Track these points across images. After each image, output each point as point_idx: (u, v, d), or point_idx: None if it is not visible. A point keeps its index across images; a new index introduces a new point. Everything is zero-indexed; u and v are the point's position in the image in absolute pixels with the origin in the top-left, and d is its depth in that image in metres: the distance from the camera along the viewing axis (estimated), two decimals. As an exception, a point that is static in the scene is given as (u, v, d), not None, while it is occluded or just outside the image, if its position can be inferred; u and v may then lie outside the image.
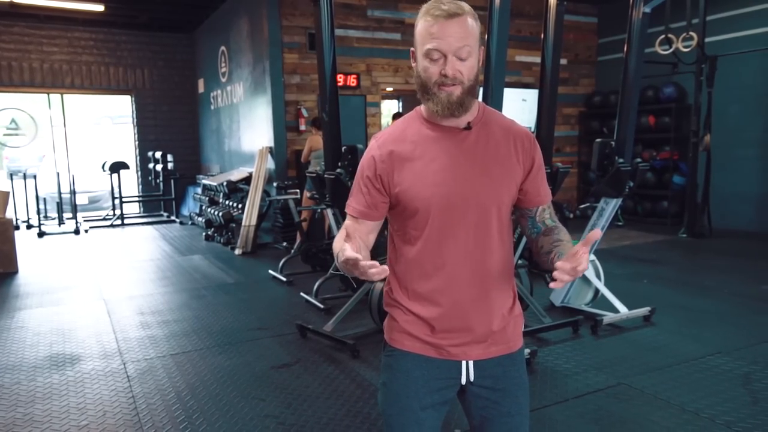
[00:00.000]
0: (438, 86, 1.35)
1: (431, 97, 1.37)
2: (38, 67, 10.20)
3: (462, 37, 1.32)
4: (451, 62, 1.33)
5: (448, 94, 1.35)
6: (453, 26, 1.31)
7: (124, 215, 10.21)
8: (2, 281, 5.93)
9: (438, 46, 1.32)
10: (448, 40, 1.31)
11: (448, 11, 1.31)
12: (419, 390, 1.48)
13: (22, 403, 3.09)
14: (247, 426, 2.80)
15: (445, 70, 1.33)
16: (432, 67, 1.34)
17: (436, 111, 1.38)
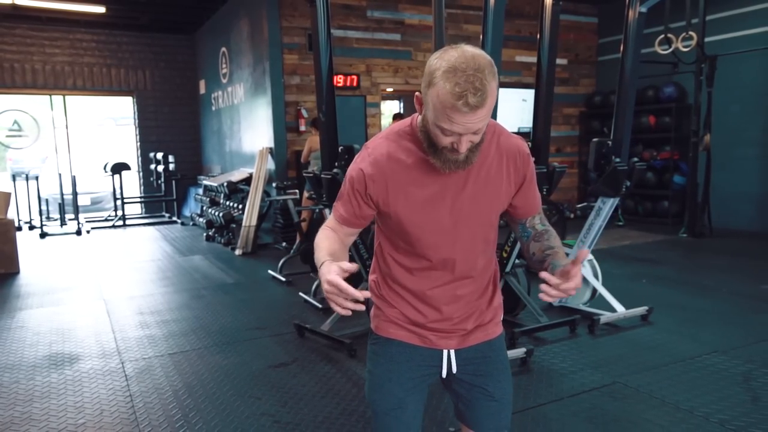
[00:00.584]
0: (448, 151, 1.30)
1: (437, 155, 1.32)
2: (40, 69, 10.26)
3: (481, 120, 1.23)
4: (466, 140, 1.26)
5: (455, 158, 1.31)
6: (475, 116, 1.21)
7: (125, 216, 10.25)
8: (4, 281, 5.96)
9: (454, 130, 1.24)
10: (467, 126, 1.22)
11: (472, 105, 1.18)
12: (402, 375, 1.52)
13: (20, 402, 3.11)
14: (243, 424, 2.82)
15: (459, 146, 1.27)
16: (443, 137, 1.27)
17: (440, 168, 1.33)
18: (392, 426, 1.54)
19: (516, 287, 4.14)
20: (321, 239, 1.48)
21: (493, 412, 1.56)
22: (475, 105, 1.18)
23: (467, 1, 8.88)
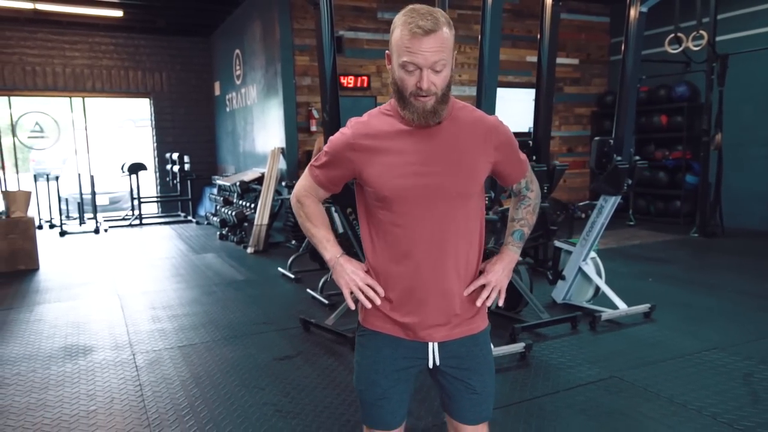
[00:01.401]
0: (414, 96, 1.42)
1: (407, 105, 1.45)
2: (61, 72, 10.52)
3: (437, 51, 1.37)
4: (427, 76, 1.38)
5: (423, 104, 1.42)
6: (429, 42, 1.35)
7: (142, 215, 10.46)
8: (24, 277, 6.16)
9: (414, 60, 1.38)
10: (425, 55, 1.36)
11: (424, 28, 1.35)
12: (387, 367, 1.59)
13: (36, 390, 3.25)
14: (246, 413, 2.92)
15: (421, 83, 1.39)
16: (408, 78, 1.41)
17: (411, 119, 1.46)
18: (377, 414, 1.62)
19: (518, 284, 4.19)
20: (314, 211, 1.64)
21: (474, 404, 1.63)
22: (428, 28, 1.35)
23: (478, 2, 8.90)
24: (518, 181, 1.69)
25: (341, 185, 1.64)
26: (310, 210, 1.64)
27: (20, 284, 5.86)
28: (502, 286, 1.61)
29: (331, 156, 1.57)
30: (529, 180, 1.71)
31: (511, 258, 1.67)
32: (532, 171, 1.75)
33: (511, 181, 1.69)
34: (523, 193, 1.72)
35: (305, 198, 1.65)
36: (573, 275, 4.52)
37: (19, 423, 2.86)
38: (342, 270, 1.58)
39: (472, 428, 1.66)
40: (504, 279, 1.62)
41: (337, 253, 1.61)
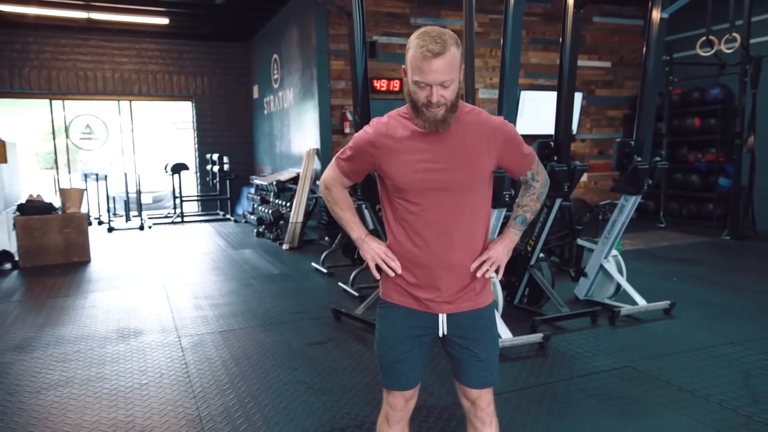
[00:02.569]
0: (425, 107, 1.65)
1: (419, 114, 1.68)
2: (110, 76, 11.11)
3: (445, 71, 1.59)
4: (436, 91, 1.61)
5: (434, 114, 1.66)
6: (438, 63, 1.57)
7: (183, 213, 10.95)
8: (78, 268, 6.62)
9: (424, 80, 1.61)
10: (434, 75, 1.59)
11: (434, 51, 1.56)
12: (402, 335, 1.83)
13: (95, 365, 3.61)
14: (280, 389, 3.20)
15: (431, 97, 1.62)
16: (419, 92, 1.64)
17: (423, 126, 1.70)
18: (394, 376, 1.87)
19: (540, 279, 4.36)
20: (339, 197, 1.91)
21: (479, 371, 1.86)
22: (437, 52, 1.56)
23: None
24: (524, 173, 1.91)
25: (363, 176, 1.90)
26: (337, 196, 1.90)
27: (75, 274, 6.31)
28: (501, 262, 1.84)
29: (355, 151, 1.83)
30: (535, 171, 1.93)
31: (511, 239, 1.89)
32: (539, 163, 1.96)
33: (518, 173, 1.91)
34: (529, 183, 1.94)
35: (332, 186, 1.91)
36: (595, 272, 4.66)
37: (81, 392, 3.21)
38: (368, 246, 1.84)
39: (477, 392, 1.88)
40: (503, 256, 1.85)
41: (362, 233, 1.86)
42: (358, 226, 1.89)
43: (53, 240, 6.81)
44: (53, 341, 4.08)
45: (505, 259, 1.85)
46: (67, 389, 3.25)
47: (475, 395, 1.89)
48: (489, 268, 1.81)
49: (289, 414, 2.90)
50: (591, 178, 10.16)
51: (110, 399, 3.11)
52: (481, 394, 1.89)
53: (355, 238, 1.88)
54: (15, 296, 5.43)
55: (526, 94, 9.32)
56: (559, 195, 4.13)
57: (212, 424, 2.81)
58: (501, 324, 3.72)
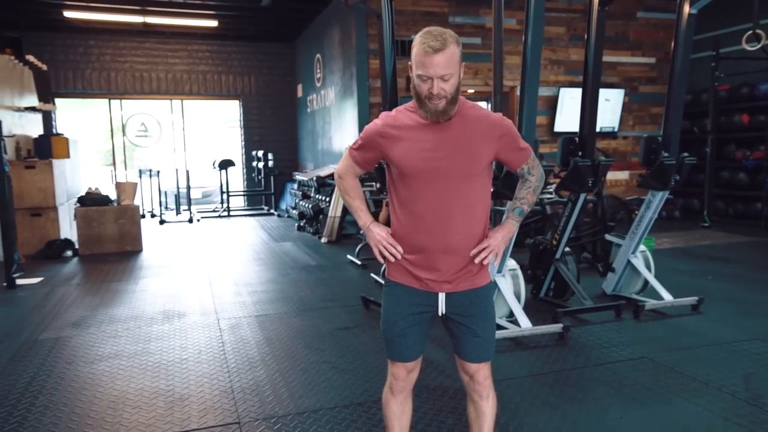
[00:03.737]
0: (428, 99, 1.82)
1: (422, 106, 1.85)
2: (164, 77, 11.69)
3: (445, 66, 1.76)
4: (437, 84, 1.77)
5: (435, 106, 1.82)
6: (438, 58, 1.74)
7: (230, 208, 11.42)
8: (130, 257, 7.08)
9: (426, 73, 1.77)
10: (435, 69, 1.75)
11: (434, 47, 1.73)
12: (405, 311, 2.00)
13: (142, 341, 3.93)
14: (307, 367, 3.42)
15: (432, 89, 1.78)
16: (422, 85, 1.80)
17: (426, 117, 1.86)
18: (397, 348, 2.04)
19: (564, 273, 4.44)
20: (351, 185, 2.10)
21: (477, 346, 2.01)
22: (437, 48, 1.73)
23: (549, 4, 9.05)
24: (521, 166, 2.04)
25: (373, 164, 2.07)
26: (348, 185, 2.09)
27: (128, 262, 6.76)
28: (498, 250, 1.98)
29: (365, 141, 2.01)
30: (531, 166, 2.05)
31: (509, 229, 2.03)
32: (536, 159, 2.09)
33: (515, 166, 2.04)
34: (525, 177, 2.07)
35: (345, 175, 2.09)
36: (622, 268, 4.69)
37: (129, 364, 3.52)
38: (372, 233, 2.02)
39: (475, 366, 2.03)
40: (502, 245, 1.99)
41: (368, 220, 2.05)
42: (364, 214, 2.06)
43: (109, 230, 7.30)
44: (106, 320, 4.45)
45: (503, 247, 1.99)
46: (116, 361, 3.57)
47: (473, 369, 2.04)
48: (487, 255, 1.96)
49: (313, 389, 3.12)
50: (633, 176, 10.01)
51: (153, 371, 3.41)
52: (479, 368, 2.04)
53: (361, 224, 2.05)
54: (74, 280, 5.88)
55: (565, 91, 9.29)
56: (583, 190, 4.19)
57: (242, 395, 3.05)
58: (521, 314, 3.83)
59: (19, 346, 3.88)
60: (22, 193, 6.91)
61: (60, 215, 7.32)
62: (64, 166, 7.69)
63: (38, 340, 3.99)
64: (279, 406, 2.91)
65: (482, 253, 1.95)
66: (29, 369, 3.47)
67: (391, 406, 2.11)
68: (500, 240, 1.99)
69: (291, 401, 2.97)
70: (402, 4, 8.45)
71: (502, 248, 2.00)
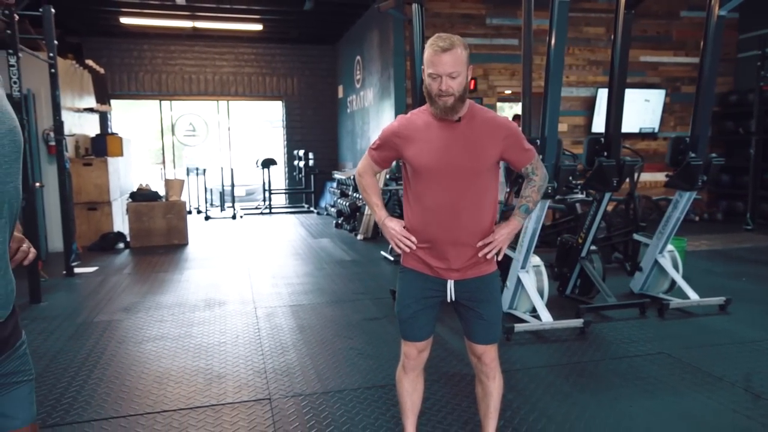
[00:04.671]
0: (438, 96, 2.01)
1: (433, 103, 2.04)
2: (211, 79, 12.19)
3: (452, 64, 1.95)
4: (446, 81, 1.97)
5: (444, 102, 2.01)
6: (446, 57, 1.94)
7: (271, 205, 11.81)
8: (177, 249, 7.49)
9: (436, 71, 1.97)
10: (444, 67, 1.95)
11: (443, 47, 1.94)
12: (417, 294, 2.18)
13: (184, 326, 4.24)
14: (335, 352, 3.65)
15: (441, 86, 1.98)
16: (433, 83, 2.00)
17: (437, 113, 2.05)
18: (409, 329, 2.22)
19: (589, 271, 4.52)
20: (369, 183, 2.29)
21: (484, 329, 2.18)
22: (445, 48, 1.93)
23: (589, 5, 9.06)
24: (525, 166, 2.19)
25: (390, 163, 2.26)
26: (367, 182, 2.28)
27: (174, 254, 7.16)
28: (503, 245, 2.13)
29: (383, 141, 2.21)
30: (535, 166, 2.20)
31: (515, 225, 2.18)
32: (539, 160, 2.23)
33: (519, 166, 2.18)
34: (530, 176, 2.21)
35: (364, 173, 2.29)
36: (649, 267, 4.73)
37: (173, 345, 3.83)
38: (387, 227, 2.19)
39: (482, 347, 2.20)
40: (506, 240, 2.13)
41: (384, 216, 2.22)
42: (381, 209, 2.24)
43: (157, 224, 7.74)
44: (153, 306, 4.79)
45: (507, 242, 2.14)
46: (161, 342, 3.89)
47: (481, 351, 2.21)
48: (491, 249, 2.11)
49: (338, 372, 3.34)
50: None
51: (195, 351, 3.70)
52: (486, 350, 2.21)
53: (378, 219, 2.24)
54: (126, 270, 6.30)
55: (604, 91, 9.20)
56: (607, 189, 4.27)
57: (274, 375, 3.30)
58: (542, 308, 3.95)
59: (77, 326, 4.25)
60: (80, 189, 7.41)
61: (113, 210, 7.81)
62: (117, 164, 8.19)
63: (93, 322, 4.36)
64: (307, 386, 3.14)
65: (487, 247, 2.11)
66: (86, 347, 3.82)
67: (403, 384, 2.30)
68: (505, 235, 2.14)
69: (318, 382, 3.20)
70: (440, 7, 8.61)
71: (507, 243, 2.15)
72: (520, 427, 2.65)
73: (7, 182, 1.26)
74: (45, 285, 5.25)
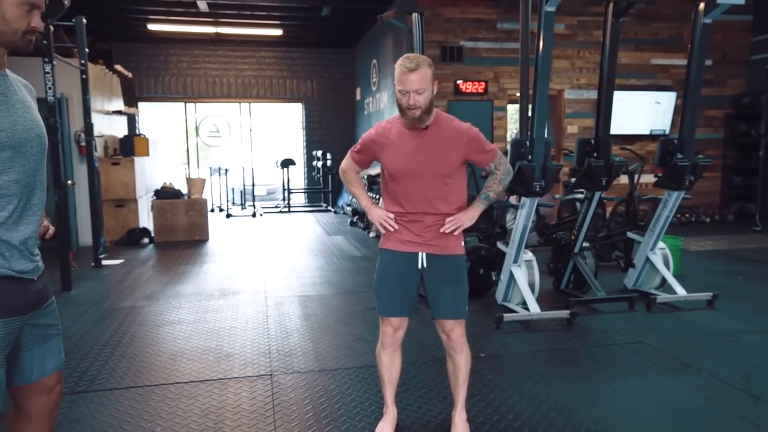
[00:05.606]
0: (407, 109, 2.31)
1: (404, 115, 2.35)
2: (234, 82, 12.64)
3: (418, 82, 2.25)
4: (413, 97, 2.27)
5: (412, 114, 2.31)
6: (413, 76, 2.25)
7: (290, 204, 12.20)
8: (198, 245, 7.89)
9: (404, 88, 2.28)
10: (411, 84, 2.26)
11: (410, 68, 2.25)
12: (393, 271, 2.48)
13: (200, 312, 4.60)
14: (335, 337, 3.95)
15: (410, 101, 2.28)
16: (402, 98, 2.31)
17: (407, 123, 2.36)
18: (385, 304, 2.52)
19: (581, 266, 4.74)
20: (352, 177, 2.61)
21: (450, 305, 2.47)
22: (412, 68, 2.24)
23: (598, 9, 9.20)
24: (489, 165, 2.48)
25: (368, 164, 2.56)
26: (350, 177, 2.59)
27: (195, 249, 7.57)
28: (461, 224, 2.42)
29: (362, 146, 2.51)
30: (497, 164, 2.48)
31: (475, 210, 2.47)
32: (502, 157, 2.51)
33: (484, 165, 2.47)
34: (493, 171, 2.51)
35: (348, 170, 2.60)
36: (641, 263, 4.92)
37: (188, 328, 4.18)
38: (373, 212, 2.50)
39: (450, 324, 2.49)
40: (465, 221, 2.43)
41: (369, 202, 2.54)
42: (365, 198, 2.57)
43: (180, 220, 8.16)
44: (173, 294, 5.17)
45: (466, 223, 2.43)
46: (178, 326, 4.24)
47: (449, 327, 2.50)
48: (452, 225, 2.40)
49: (336, 354, 3.64)
50: (686, 179, 9.91)
51: (207, 334, 4.04)
52: (453, 326, 2.49)
53: (364, 206, 2.55)
54: (150, 262, 6.72)
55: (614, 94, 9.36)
56: (597, 188, 4.49)
57: (277, 355, 3.62)
58: (531, 300, 4.20)
59: (103, 311, 4.64)
60: (108, 187, 7.87)
61: (139, 207, 8.25)
62: (144, 163, 8.64)
63: (118, 308, 4.74)
64: (305, 365, 3.46)
65: (450, 224, 2.40)
66: (110, 328, 4.19)
67: (382, 359, 2.60)
68: (464, 217, 2.43)
69: (316, 361, 3.51)
70: (451, 12, 8.87)
71: (465, 223, 2.43)
72: (494, 402, 2.92)
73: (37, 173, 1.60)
74: (75, 275, 5.67)
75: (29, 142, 1.55)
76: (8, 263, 1.53)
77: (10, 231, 1.53)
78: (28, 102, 1.61)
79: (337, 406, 2.92)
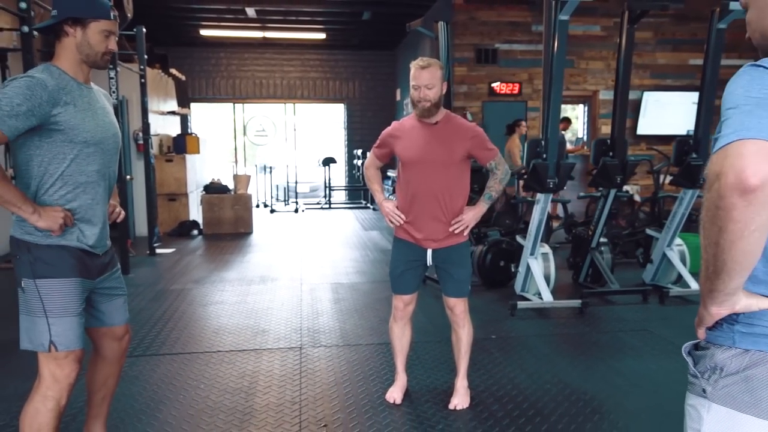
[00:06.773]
0: (418, 102, 2.68)
1: (415, 106, 2.71)
2: (279, 83, 13.24)
3: (429, 78, 2.62)
4: (423, 90, 2.64)
5: (423, 106, 2.68)
6: (425, 73, 2.62)
7: (331, 201, 12.69)
8: (242, 237, 8.45)
9: (416, 83, 2.65)
10: (422, 80, 2.62)
11: (422, 66, 2.63)
12: (404, 258, 2.84)
13: (242, 295, 5.08)
14: (361, 318, 4.35)
15: (420, 95, 2.65)
16: (414, 92, 2.68)
17: (417, 114, 2.72)
18: (398, 284, 2.88)
19: (597, 260, 4.97)
20: (372, 174, 2.98)
21: (454, 285, 2.81)
22: (423, 66, 2.62)
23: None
24: (489, 162, 2.80)
25: (388, 158, 2.93)
26: (371, 173, 2.97)
27: (239, 241, 8.12)
28: (469, 224, 2.74)
29: (381, 141, 2.89)
30: (497, 162, 2.80)
31: (480, 208, 2.79)
32: (501, 157, 2.84)
33: (485, 161, 2.80)
34: (494, 171, 2.82)
35: (370, 166, 2.98)
36: (659, 259, 5.11)
37: (230, 308, 4.66)
38: (384, 206, 2.86)
39: (453, 300, 2.83)
40: (472, 220, 2.75)
41: (382, 198, 2.90)
42: (380, 194, 2.92)
43: (226, 214, 8.73)
44: (218, 280, 5.68)
45: (473, 222, 2.76)
46: (221, 306, 4.73)
47: (452, 303, 2.84)
48: (460, 226, 2.73)
49: (359, 332, 4.04)
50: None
51: (247, 313, 4.51)
52: (456, 303, 2.84)
53: (377, 200, 2.91)
54: (198, 252, 7.29)
55: (649, 94, 9.44)
56: (612, 186, 4.71)
57: (307, 332, 4.04)
58: (545, 289, 4.47)
59: (156, 292, 5.19)
60: (162, 182, 8.52)
61: (190, 201, 8.88)
62: (194, 160, 9.28)
63: (169, 289, 5.28)
64: (332, 340, 3.87)
65: (457, 224, 2.73)
66: (163, 306, 4.71)
67: (394, 330, 2.97)
68: (471, 216, 2.75)
69: (341, 338, 3.91)
70: (487, 15, 9.13)
71: (473, 223, 2.77)
72: (496, 375, 3.25)
73: (111, 166, 2.03)
74: (132, 261, 6.27)
75: (107, 141, 1.99)
76: (86, 240, 1.97)
77: (92, 210, 1.97)
78: (107, 108, 2.06)
79: (356, 374, 3.31)
